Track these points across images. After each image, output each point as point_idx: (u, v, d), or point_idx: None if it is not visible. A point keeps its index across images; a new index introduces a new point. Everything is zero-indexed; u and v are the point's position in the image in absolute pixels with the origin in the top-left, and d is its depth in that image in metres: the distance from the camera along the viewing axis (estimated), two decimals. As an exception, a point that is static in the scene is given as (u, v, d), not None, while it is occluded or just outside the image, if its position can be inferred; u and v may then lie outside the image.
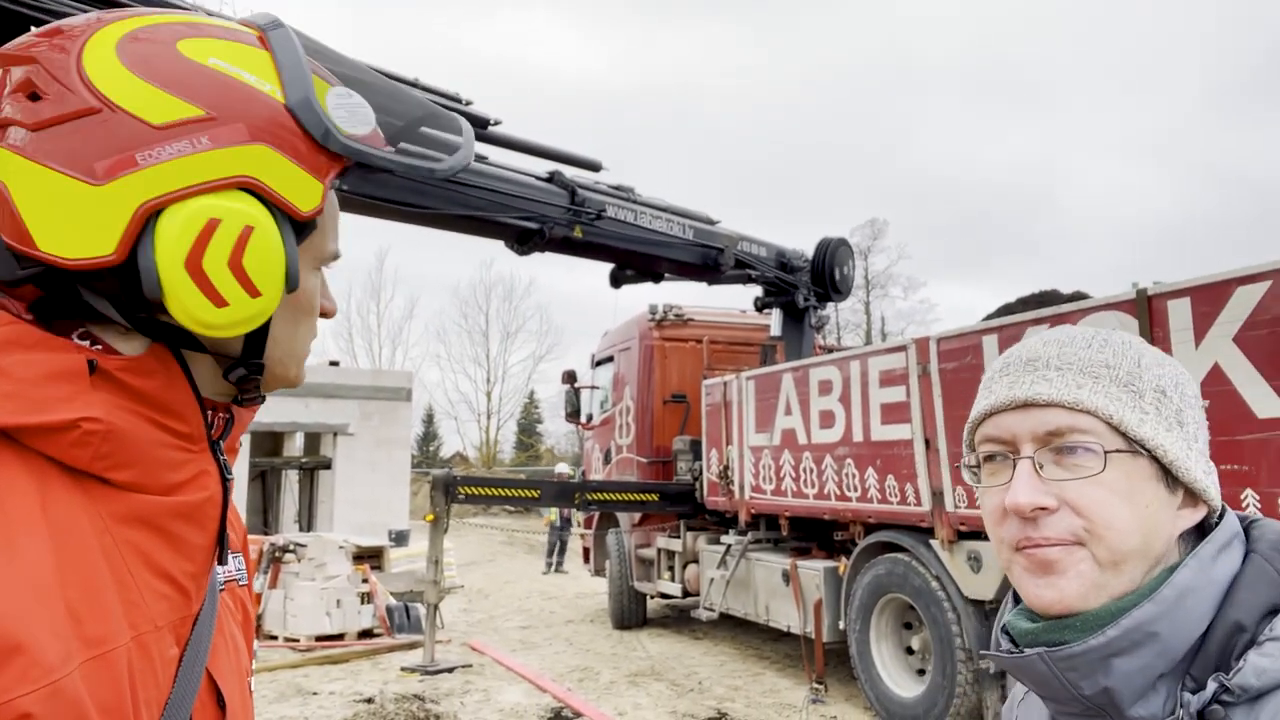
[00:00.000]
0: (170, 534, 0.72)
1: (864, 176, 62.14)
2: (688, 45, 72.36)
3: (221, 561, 0.80)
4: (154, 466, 0.71)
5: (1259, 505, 3.92)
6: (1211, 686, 0.69)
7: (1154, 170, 61.98)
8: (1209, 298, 4.20)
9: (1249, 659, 0.68)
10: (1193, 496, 0.78)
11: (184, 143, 0.69)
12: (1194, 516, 0.77)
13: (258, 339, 0.77)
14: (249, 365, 0.78)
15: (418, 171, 0.86)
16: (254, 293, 0.72)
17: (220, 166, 0.71)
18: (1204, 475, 0.77)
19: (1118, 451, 0.76)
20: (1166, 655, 0.72)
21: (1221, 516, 0.79)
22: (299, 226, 0.77)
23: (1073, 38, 63.28)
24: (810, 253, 9.55)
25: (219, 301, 0.71)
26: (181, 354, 0.75)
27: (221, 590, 0.83)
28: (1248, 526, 0.78)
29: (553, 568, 16.13)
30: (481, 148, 6.72)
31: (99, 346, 0.72)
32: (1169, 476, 0.76)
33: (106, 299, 0.71)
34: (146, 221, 0.69)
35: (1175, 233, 54.44)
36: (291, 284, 0.74)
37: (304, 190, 0.75)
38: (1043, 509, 0.76)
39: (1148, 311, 4.43)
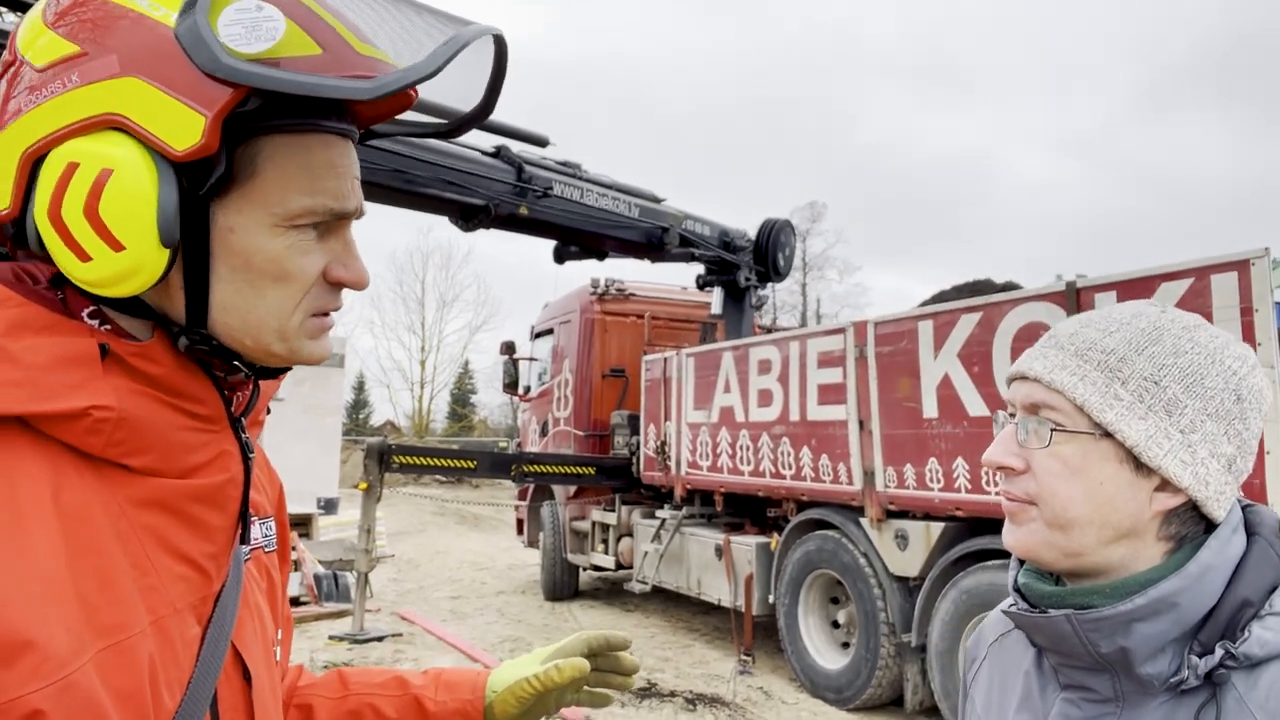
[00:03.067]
0: (189, 516, 0.70)
1: (806, 158, 62.80)
2: (628, 20, 71.85)
3: (244, 540, 0.77)
4: (172, 450, 0.69)
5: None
6: (1219, 652, 0.76)
7: (1079, 164, 64.04)
8: (1134, 292, 4.37)
9: (1253, 630, 0.76)
10: None
11: (58, 83, 0.65)
12: (1172, 500, 0.81)
13: (197, 305, 0.69)
14: (190, 334, 0.69)
15: (338, 92, 0.65)
16: (115, 246, 0.63)
17: (86, 105, 0.64)
18: (1180, 464, 0.79)
19: (1075, 432, 0.82)
20: (1181, 623, 0.78)
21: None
22: (197, 171, 0.66)
23: (1010, 30, 64.73)
24: (752, 233, 9.63)
25: (82, 255, 0.64)
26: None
27: (247, 560, 0.81)
28: (1244, 509, 0.85)
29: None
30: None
31: (108, 327, 0.68)
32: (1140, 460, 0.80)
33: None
34: (34, 169, 0.65)
35: (1098, 225, 56.40)
36: (165, 237, 0.64)
37: (178, 126, 0.63)
38: (1004, 467, 0.86)
39: (1076, 303, 4.60)
